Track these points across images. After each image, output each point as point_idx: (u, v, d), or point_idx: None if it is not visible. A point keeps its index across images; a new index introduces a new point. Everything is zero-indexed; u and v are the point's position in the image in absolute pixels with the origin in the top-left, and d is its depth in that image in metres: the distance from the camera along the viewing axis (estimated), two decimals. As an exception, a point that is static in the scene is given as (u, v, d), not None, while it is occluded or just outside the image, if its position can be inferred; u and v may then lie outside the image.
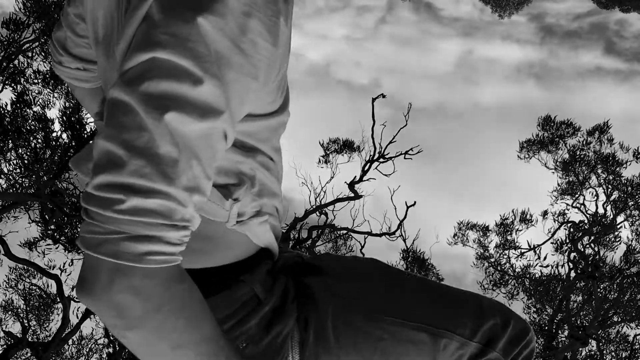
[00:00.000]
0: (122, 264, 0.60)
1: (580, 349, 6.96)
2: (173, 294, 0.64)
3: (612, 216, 7.47)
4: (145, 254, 0.60)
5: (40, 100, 6.07)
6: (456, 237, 8.04)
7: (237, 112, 0.67)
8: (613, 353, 6.99)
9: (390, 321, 0.98)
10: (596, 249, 7.41)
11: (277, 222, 0.99)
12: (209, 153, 0.64)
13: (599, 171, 7.61)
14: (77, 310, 6.23)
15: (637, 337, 6.97)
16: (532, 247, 7.68)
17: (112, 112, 0.61)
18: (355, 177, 7.31)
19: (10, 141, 5.84)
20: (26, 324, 6.09)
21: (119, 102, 0.61)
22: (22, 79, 6.08)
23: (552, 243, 7.60)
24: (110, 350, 6.32)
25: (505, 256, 7.79)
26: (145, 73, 0.60)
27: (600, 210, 7.57)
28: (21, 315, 6.14)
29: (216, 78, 0.62)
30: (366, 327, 0.98)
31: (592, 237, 7.43)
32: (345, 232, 7.50)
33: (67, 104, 6.06)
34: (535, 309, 7.43)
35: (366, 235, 7.41)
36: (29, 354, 6.05)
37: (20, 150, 5.90)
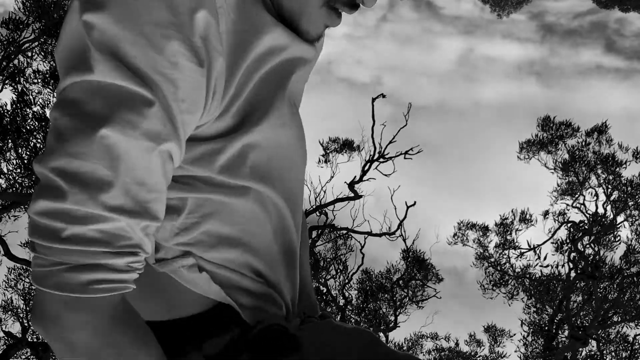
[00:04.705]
0: (69, 297, 0.57)
1: (581, 349, 6.97)
2: (122, 331, 0.62)
3: (612, 216, 7.47)
4: (88, 283, 0.58)
5: (40, 100, 6.07)
6: (456, 237, 8.05)
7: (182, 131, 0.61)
8: (613, 353, 6.99)
9: None
10: (596, 249, 7.41)
11: (252, 284, 0.80)
12: (155, 175, 0.60)
13: (599, 171, 7.61)
14: (77, 310, 6.23)
15: (637, 337, 6.98)
16: (532, 247, 7.68)
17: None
18: (355, 176, 7.30)
19: (10, 141, 5.83)
20: (26, 324, 6.08)
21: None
22: (22, 79, 6.07)
23: (552, 243, 7.61)
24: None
25: (505, 256, 7.79)
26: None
27: (600, 210, 7.58)
28: (21, 315, 6.14)
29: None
30: None
31: (592, 237, 7.43)
32: (345, 232, 7.49)
33: (66, 103, 6.05)
34: (535, 309, 7.43)
35: (366, 235, 7.41)
36: (28, 354, 6.05)
37: (20, 150, 5.90)
